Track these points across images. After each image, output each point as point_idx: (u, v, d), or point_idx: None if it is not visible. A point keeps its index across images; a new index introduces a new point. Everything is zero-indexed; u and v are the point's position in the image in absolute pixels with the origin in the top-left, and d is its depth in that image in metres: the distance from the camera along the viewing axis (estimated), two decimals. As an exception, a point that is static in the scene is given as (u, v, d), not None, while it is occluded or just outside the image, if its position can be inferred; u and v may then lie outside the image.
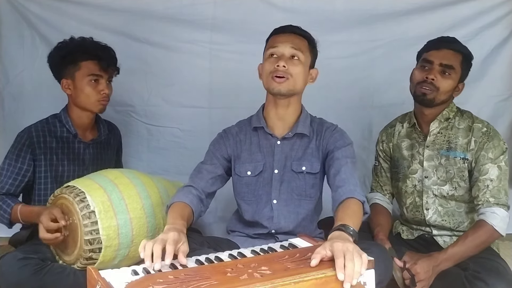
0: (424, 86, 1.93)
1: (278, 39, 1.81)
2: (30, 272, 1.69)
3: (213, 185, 1.86)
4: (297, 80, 1.78)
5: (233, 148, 1.90)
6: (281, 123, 1.87)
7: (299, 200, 1.85)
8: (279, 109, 1.85)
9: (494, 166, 1.90)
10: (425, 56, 1.97)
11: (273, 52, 1.79)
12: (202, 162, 1.89)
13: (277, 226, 1.83)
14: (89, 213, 1.70)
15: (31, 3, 2.51)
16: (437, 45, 1.97)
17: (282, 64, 1.74)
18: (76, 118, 2.09)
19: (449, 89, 1.94)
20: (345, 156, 1.78)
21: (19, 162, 1.98)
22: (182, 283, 1.22)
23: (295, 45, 1.79)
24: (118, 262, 1.77)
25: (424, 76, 1.94)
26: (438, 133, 2.01)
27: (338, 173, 1.73)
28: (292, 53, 1.78)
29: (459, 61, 1.95)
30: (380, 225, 2.01)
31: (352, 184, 1.68)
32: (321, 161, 1.85)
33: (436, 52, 1.95)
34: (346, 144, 1.83)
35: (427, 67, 1.95)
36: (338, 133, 1.86)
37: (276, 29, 1.86)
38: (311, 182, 1.86)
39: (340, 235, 1.40)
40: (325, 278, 1.23)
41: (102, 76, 2.05)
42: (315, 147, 1.86)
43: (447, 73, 1.93)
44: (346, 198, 1.62)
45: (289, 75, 1.76)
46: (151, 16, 2.56)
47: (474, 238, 1.84)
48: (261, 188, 1.87)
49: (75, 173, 2.06)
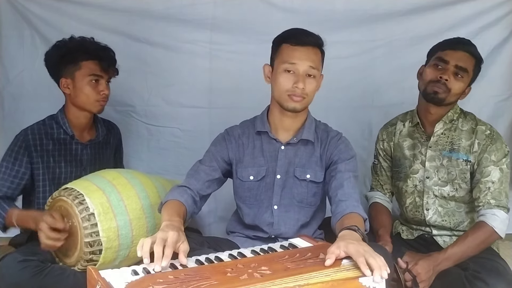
0: (437, 85, 1.90)
1: (295, 55, 1.75)
2: (30, 274, 1.69)
3: (209, 187, 1.84)
4: (311, 97, 1.79)
5: (235, 152, 1.88)
6: (286, 129, 1.86)
7: (299, 207, 1.85)
8: (286, 119, 1.84)
9: (496, 169, 1.90)
10: (441, 55, 1.93)
11: (289, 68, 1.75)
12: (201, 162, 1.87)
13: (277, 232, 1.83)
14: (88, 216, 1.70)
15: (31, 3, 2.51)
16: (454, 46, 1.94)
17: (301, 86, 1.72)
18: (73, 118, 2.08)
19: (459, 91, 1.93)
20: (348, 170, 1.77)
21: (16, 165, 1.97)
22: (182, 283, 1.22)
23: (313, 63, 1.75)
24: (119, 263, 1.76)
25: (438, 75, 1.91)
26: (441, 134, 2.00)
27: (341, 187, 1.71)
28: (310, 71, 1.75)
29: (473, 65, 1.93)
30: (384, 226, 2.00)
31: (355, 200, 1.67)
32: (324, 171, 1.84)
33: (453, 53, 1.92)
34: (350, 157, 1.82)
35: (441, 67, 1.92)
36: (343, 144, 1.85)
37: (290, 37, 1.78)
38: (313, 191, 1.85)
39: (351, 234, 1.40)
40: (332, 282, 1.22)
41: (103, 76, 2.05)
42: (319, 156, 1.85)
43: (460, 76, 1.91)
44: (350, 213, 1.61)
45: (305, 95, 1.75)
46: (151, 16, 2.56)
47: (474, 238, 1.84)
48: (263, 193, 1.86)
49: (72, 175, 2.05)
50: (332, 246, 1.32)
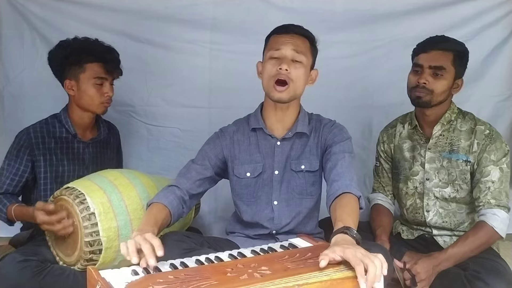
0: (418, 90, 1.94)
1: (280, 40, 1.76)
2: (30, 274, 1.69)
3: (200, 186, 1.83)
4: (298, 85, 1.76)
5: (229, 149, 1.88)
6: (281, 124, 1.85)
7: (300, 199, 1.84)
8: (278, 112, 1.83)
9: (496, 168, 1.90)
10: (416, 60, 1.98)
11: (274, 55, 1.75)
12: (193, 161, 1.86)
13: (278, 226, 1.83)
14: (89, 215, 1.70)
15: (31, 3, 2.51)
16: (425, 48, 1.96)
17: (284, 67, 1.71)
18: (76, 118, 2.08)
19: (444, 89, 1.94)
20: (342, 150, 1.76)
21: (17, 163, 1.98)
22: (182, 283, 1.22)
23: (298, 47, 1.75)
24: (119, 263, 1.76)
25: (416, 80, 1.94)
26: (440, 135, 2.01)
27: (335, 167, 1.71)
28: (295, 56, 1.74)
29: (450, 60, 1.93)
30: (382, 226, 2.00)
31: (348, 178, 1.65)
32: (320, 158, 1.84)
33: (425, 55, 1.94)
34: (345, 139, 1.81)
35: (418, 71, 1.95)
36: (337, 128, 1.85)
37: (278, 28, 1.82)
38: (311, 180, 1.85)
39: (344, 238, 1.37)
40: (331, 281, 1.22)
41: (107, 78, 2.05)
42: (313, 145, 1.85)
43: (439, 74, 1.92)
44: (342, 193, 1.59)
45: (290, 80, 1.73)
46: (151, 16, 2.56)
47: (474, 239, 1.84)
48: (261, 189, 1.86)
49: (75, 173, 2.06)
50: (326, 250, 1.29)
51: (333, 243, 1.35)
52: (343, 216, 1.47)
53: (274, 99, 1.77)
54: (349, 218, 1.47)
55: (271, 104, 1.82)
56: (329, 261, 1.26)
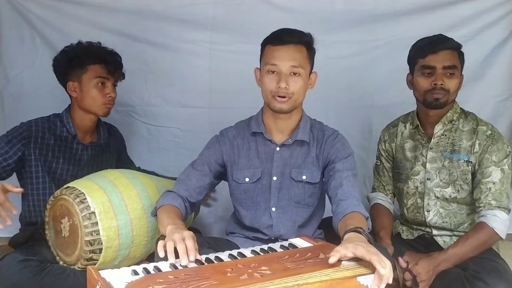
0: (435, 92, 1.90)
1: (276, 54, 1.73)
2: (30, 273, 1.69)
3: (199, 194, 1.83)
4: (299, 96, 1.76)
5: (229, 154, 1.87)
6: (280, 131, 1.85)
7: (296, 208, 1.84)
8: (279, 121, 1.82)
9: (497, 169, 1.90)
10: (424, 63, 1.93)
11: (271, 69, 1.73)
12: (193, 167, 1.85)
13: (277, 234, 1.83)
14: (89, 214, 1.70)
15: (31, 3, 2.51)
16: (433, 49, 1.92)
17: (283, 86, 1.71)
18: (78, 120, 2.09)
19: (457, 88, 1.94)
20: (346, 168, 1.75)
21: (7, 146, 1.94)
22: (182, 283, 1.22)
23: (295, 61, 1.72)
24: (119, 263, 1.77)
25: (431, 82, 1.90)
26: (442, 135, 2.00)
27: (341, 186, 1.69)
28: (293, 70, 1.73)
29: (457, 58, 1.94)
30: (384, 228, 1.99)
31: (356, 199, 1.65)
32: (321, 171, 1.83)
33: (435, 56, 1.91)
34: (347, 155, 1.79)
35: (430, 73, 1.92)
36: (340, 143, 1.83)
37: (272, 38, 1.77)
38: (310, 191, 1.84)
39: (357, 236, 1.38)
40: (331, 281, 1.22)
41: (109, 79, 2.06)
42: (315, 156, 1.83)
43: (451, 73, 1.91)
44: (351, 212, 1.59)
45: (291, 94, 1.73)
46: (151, 16, 2.56)
47: (474, 239, 1.84)
48: (260, 194, 1.85)
49: (69, 172, 2.06)
50: (339, 246, 1.30)
51: (346, 240, 1.36)
52: (354, 224, 1.48)
53: (275, 110, 1.77)
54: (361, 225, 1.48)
55: (270, 111, 1.81)
56: (340, 257, 1.27)
